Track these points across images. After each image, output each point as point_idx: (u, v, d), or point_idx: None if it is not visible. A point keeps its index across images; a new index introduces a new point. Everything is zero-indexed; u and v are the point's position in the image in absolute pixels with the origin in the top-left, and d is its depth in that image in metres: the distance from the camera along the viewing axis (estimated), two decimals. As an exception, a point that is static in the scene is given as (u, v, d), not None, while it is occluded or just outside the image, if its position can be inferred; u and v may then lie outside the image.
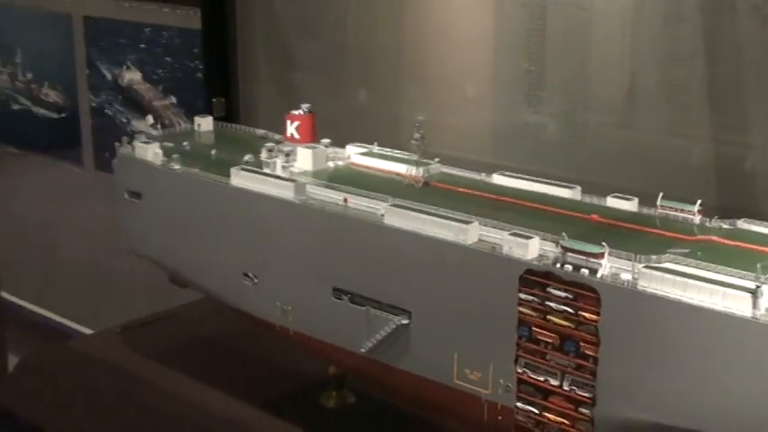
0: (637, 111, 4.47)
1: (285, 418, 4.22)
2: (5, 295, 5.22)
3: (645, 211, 3.66)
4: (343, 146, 4.44)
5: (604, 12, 4.48)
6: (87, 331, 7.10)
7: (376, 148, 4.41)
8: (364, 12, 5.44)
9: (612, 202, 3.74)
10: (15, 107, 7.68)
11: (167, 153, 4.49)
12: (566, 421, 3.23)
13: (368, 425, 4.28)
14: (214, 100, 5.73)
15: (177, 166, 4.38)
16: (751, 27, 4.05)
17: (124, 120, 6.81)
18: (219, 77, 5.85)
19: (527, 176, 4.01)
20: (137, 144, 4.59)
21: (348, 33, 5.54)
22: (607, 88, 4.56)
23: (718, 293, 2.89)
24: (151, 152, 4.50)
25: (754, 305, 2.84)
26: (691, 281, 2.95)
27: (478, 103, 5.04)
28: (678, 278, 2.97)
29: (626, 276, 3.09)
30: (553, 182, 3.92)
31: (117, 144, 4.72)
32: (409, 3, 5.23)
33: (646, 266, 3.06)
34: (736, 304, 2.86)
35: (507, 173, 4.06)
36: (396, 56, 5.34)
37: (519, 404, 3.34)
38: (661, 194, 3.61)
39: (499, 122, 4.97)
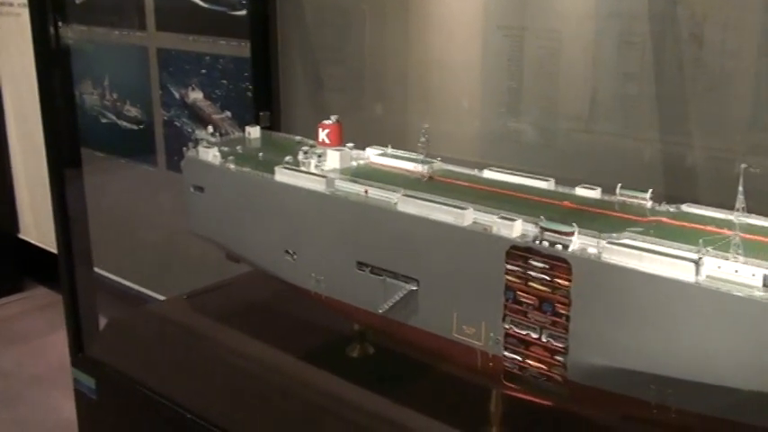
0: (597, 119, 4.40)
1: (318, 365, 4.19)
2: (96, 269, 5.18)
3: (606, 198, 3.60)
4: (363, 148, 4.38)
5: (570, 39, 4.41)
6: (160, 297, 7.09)
7: (390, 150, 4.35)
8: (378, 45, 5.38)
9: (580, 191, 3.68)
10: (104, 121, 7.67)
11: (224, 155, 4.44)
12: (544, 366, 3.19)
13: (385, 370, 4.24)
14: (261, 113, 5.68)
15: (232, 166, 4.33)
16: (689, 51, 3.97)
17: (189, 130, 6.78)
18: (265, 96, 5.81)
19: (511, 171, 3.94)
20: (200, 149, 4.54)
21: (365, 62, 5.48)
22: (573, 101, 4.49)
23: (667, 263, 2.84)
24: (211, 155, 4.46)
25: (697, 272, 2.80)
26: (645, 253, 2.90)
27: (470, 113, 4.98)
28: (635, 251, 2.92)
29: (592, 250, 3.03)
30: (532, 175, 3.86)
31: (185, 149, 4.67)
32: (414, 36, 5.17)
33: (608, 242, 3.00)
34: (682, 272, 2.81)
35: (495, 169, 4.00)
36: (403, 78, 5.28)
37: (506, 353, 3.30)
38: (619, 185, 3.54)
39: (487, 129, 4.91)
